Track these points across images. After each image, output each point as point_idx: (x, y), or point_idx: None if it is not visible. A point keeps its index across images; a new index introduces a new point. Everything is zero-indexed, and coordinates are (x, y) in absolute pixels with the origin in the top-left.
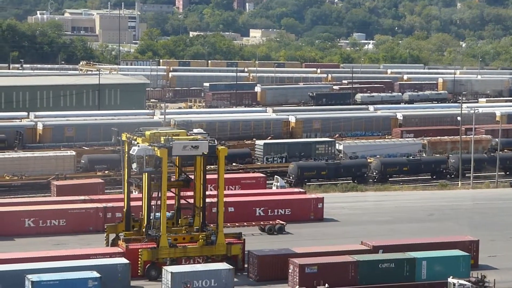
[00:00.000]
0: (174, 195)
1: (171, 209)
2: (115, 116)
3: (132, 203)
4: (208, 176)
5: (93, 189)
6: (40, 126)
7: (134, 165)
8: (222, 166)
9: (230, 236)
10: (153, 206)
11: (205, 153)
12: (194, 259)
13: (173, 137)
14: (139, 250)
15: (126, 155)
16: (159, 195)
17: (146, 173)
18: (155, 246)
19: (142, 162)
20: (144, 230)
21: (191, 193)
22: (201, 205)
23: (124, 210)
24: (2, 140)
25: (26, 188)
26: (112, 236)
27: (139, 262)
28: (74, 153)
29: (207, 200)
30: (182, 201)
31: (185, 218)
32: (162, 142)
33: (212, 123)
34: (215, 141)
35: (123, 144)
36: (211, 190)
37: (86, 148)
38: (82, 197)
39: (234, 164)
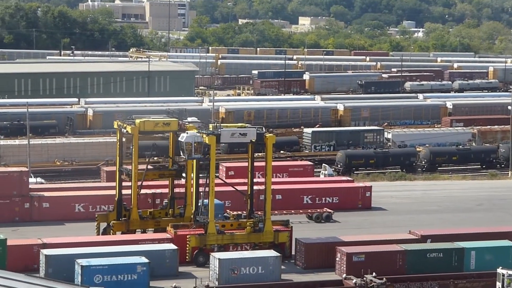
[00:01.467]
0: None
1: (218, 197)
2: (164, 103)
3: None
4: (256, 164)
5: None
6: (90, 112)
7: (182, 151)
8: (270, 154)
9: (277, 224)
10: (201, 193)
11: (253, 140)
12: (241, 246)
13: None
14: (187, 237)
15: (119, 143)
16: (207, 182)
17: (194, 160)
18: (203, 232)
19: (190, 149)
20: (192, 216)
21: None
22: (249, 193)
23: (116, 199)
24: (53, 126)
25: (76, 174)
26: (103, 225)
27: (187, 248)
28: (124, 139)
29: (255, 187)
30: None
31: (178, 208)
32: (211, 129)
33: (260, 111)
34: (263, 128)
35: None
36: (258, 177)
37: None
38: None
39: (282, 151)
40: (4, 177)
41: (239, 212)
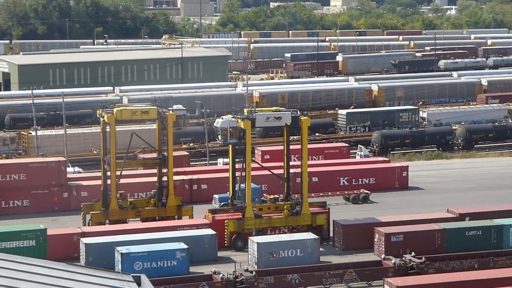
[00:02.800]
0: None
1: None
2: (198, 89)
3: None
4: (291, 147)
5: (179, 161)
6: (125, 101)
7: (218, 137)
8: (305, 137)
9: (314, 205)
10: (237, 178)
11: (288, 124)
12: (279, 229)
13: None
14: (225, 221)
15: (102, 134)
16: (244, 167)
17: (231, 145)
18: (241, 217)
19: (226, 134)
20: (230, 201)
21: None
22: (286, 176)
23: (101, 189)
24: (89, 115)
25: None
26: (88, 216)
27: (225, 233)
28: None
29: (291, 170)
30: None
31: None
32: (245, 114)
33: (294, 94)
34: (298, 111)
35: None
36: (294, 160)
37: None
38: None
39: (317, 134)
40: (42, 168)
41: (276, 196)
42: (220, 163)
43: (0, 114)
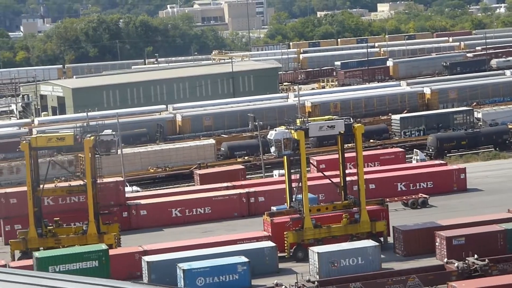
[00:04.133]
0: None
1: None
2: (250, 102)
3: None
4: (346, 155)
5: (235, 175)
6: (179, 118)
7: (272, 149)
8: (359, 144)
9: (372, 203)
10: (294, 189)
11: (342, 132)
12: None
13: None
14: (285, 233)
15: (29, 164)
16: (300, 177)
17: (285, 156)
18: (299, 218)
19: (280, 146)
20: (289, 207)
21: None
22: (342, 184)
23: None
24: (144, 134)
25: (170, 179)
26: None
27: (285, 244)
28: (213, 141)
29: (347, 178)
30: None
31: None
32: (299, 124)
33: (346, 102)
34: (351, 119)
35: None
36: (350, 168)
37: (224, 135)
38: (225, 184)
39: (371, 140)
40: (101, 189)
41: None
42: (275, 175)
43: None
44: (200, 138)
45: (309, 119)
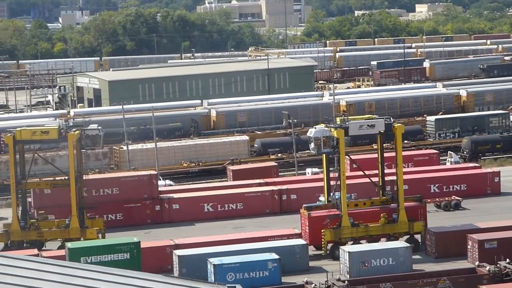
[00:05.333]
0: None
1: None
2: (285, 100)
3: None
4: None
5: (267, 172)
6: (213, 113)
7: (311, 146)
8: (399, 144)
9: (410, 200)
10: (332, 186)
11: (382, 131)
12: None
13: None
14: (322, 231)
15: (13, 157)
16: (339, 175)
17: (324, 154)
18: (337, 216)
19: (319, 144)
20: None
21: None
22: (381, 184)
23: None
24: (179, 128)
25: (203, 174)
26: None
27: (322, 242)
28: (247, 138)
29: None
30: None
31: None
32: (338, 122)
33: (381, 102)
34: (391, 119)
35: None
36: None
37: (258, 132)
38: (257, 181)
39: (405, 141)
40: (135, 181)
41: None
42: (308, 173)
43: None
44: (234, 134)
45: (348, 117)
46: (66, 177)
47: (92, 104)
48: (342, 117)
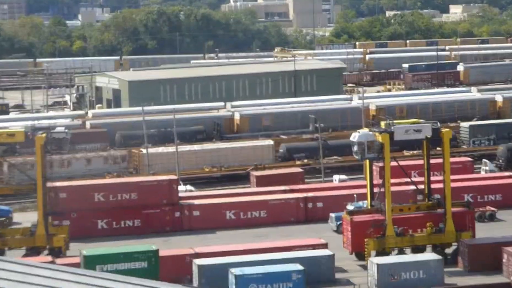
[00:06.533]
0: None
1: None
2: (312, 103)
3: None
4: (413, 162)
5: (293, 178)
6: (237, 116)
7: (354, 151)
8: (447, 150)
9: (458, 205)
10: (376, 194)
11: (428, 136)
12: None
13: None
14: (365, 240)
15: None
16: (383, 182)
17: (368, 160)
18: (381, 225)
19: (363, 149)
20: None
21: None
22: (427, 192)
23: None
24: (201, 131)
25: (225, 180)
26: None
27: (365, 252)
28: (272, 142)
29: (421, 187)
30: None
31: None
32: (383, 127)
33: (412, 106)
34: (438, 123)
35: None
36: (414, 176)
37: (283, 137)
38: (282, 187)
39: (438, 148)
40: (154, 186)
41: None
42: (335, 180)
43: (111, 132)
44: (258, 138)
45: (394, 121)
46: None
47: (111, 105)
48: (387, 121)
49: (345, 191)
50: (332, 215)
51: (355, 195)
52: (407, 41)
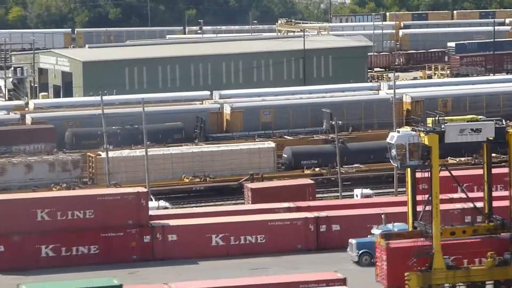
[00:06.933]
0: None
1: None
2: (327, 93)
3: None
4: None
5: (300, 192)
6: (227, 110)
7: (393, 156)
8: None
9: None
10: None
11: (490, 138)
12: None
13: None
14: (406, 275)
15: None
16: (429, 198)
17: (409, 168)
18: (426, 254)
19: (404, 153)
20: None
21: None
22: (487, 210)
23: None
24: (178, 129)
25: (212, 194)
26: None
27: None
28: (273, 144)
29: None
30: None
31: None
32: (430, 125)
33: (460, 98)
34: (503, 121)
35: None
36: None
37: (288, 137)
38: (286, 204)
39: (494, 154)
40: (116, 202)
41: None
42: (357, 195)
43: (59, 129)
44: (255, 139)
45: (445, 118)
46: None
47: (60, 93)
48: (436, 118)
49: (370, 209)
50: (352, 241)
51: (382, 216)
52: (454, 12)
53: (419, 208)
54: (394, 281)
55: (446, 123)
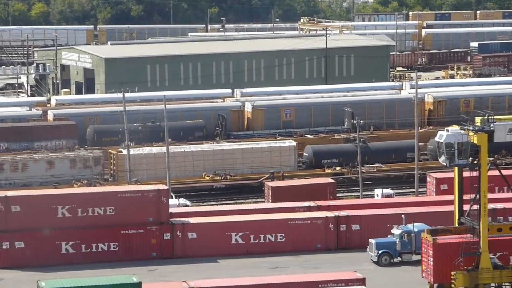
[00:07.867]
0: None
1: None
2: (348, 92)
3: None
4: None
5: (321, 191)
6: (248, 108)
7: (441, 155)
8: None
9: None
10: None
11: None
12: None
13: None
14: (452, 274)
15: None
16: (477, 196)
17: (457, 168)
18: (473, 253)
19: (453, 152)
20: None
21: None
22: None
23: None
24: (200, 127)
25: (232, 192)
26: None
27: (452, 286)
28: (294, 143)
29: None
30: None
31: None
32: (479, 124)
33: (483, 98)
34: None
35: None
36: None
37: (309, 136)
38: (306, 203)
39: (510, 156)
40: (137, 199)
41: None
42: (377, 195)
43: (81, 126)
44: (276, 138)
45: (493, 117)
46: None
47: (82, 89)
48: (486, 116)
49: (390, 209)
50: (372, 241)
51: (403, 216)
52: (477, 12)
53: (466, 207)
54: (440, 277)
55: (495, 122)
